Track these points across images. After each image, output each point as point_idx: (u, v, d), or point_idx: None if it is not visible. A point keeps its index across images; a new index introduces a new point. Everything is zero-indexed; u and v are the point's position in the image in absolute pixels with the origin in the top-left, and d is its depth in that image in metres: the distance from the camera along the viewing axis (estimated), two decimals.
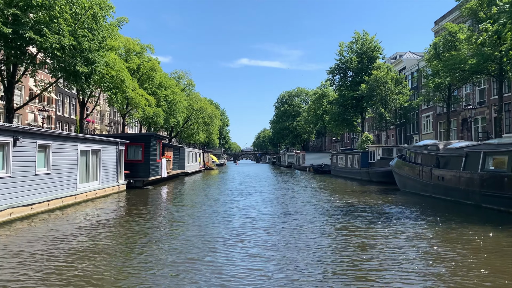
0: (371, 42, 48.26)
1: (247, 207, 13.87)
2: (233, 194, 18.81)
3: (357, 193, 21.08)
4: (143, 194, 19.53)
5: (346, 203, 16.16)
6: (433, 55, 29.86)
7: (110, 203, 15.53)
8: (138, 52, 43.81)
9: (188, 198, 17.77)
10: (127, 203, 16.00)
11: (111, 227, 10.53)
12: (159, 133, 63.70)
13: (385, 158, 29.76)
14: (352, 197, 18.46)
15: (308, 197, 18.16)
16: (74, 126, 51.34)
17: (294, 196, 18.89)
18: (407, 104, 41.16)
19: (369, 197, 18.91)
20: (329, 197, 18.61)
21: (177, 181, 29.27)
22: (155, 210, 13.43)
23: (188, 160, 39.34)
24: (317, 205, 15.32)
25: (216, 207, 13.90)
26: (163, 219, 11.81)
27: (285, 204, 15.34)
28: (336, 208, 14.28)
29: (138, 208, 14.33)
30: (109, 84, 25.76)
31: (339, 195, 19.46)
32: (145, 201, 16.39)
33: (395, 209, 14.47)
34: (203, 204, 14.90)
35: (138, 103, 38.67)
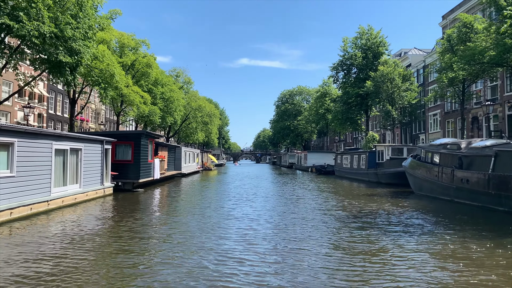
0: (376, 37, 46.29)
1: (246, 218, 11.74)
2: (232, 200, 16.75)
3: (368, 197, 19.09)
4: (131, 198, 17.54)
5: (360, 210, 14.16)
6: (446, 48, 27.92)
7: (90, 210, 13.54)
8: (133, 47, 41.84)
9: (179, 204, 15.70)
10: (109, 210, 14.01)
11: (81, 242, 8.55)
12: (155, 132, 61.60)
13: (394, 158, 27.77)
14: (364, 202, 16.47)
15: (315, 204, 16.15)
16: (67, 125, 49.32)
17: (299, 202, 16.89)
18: (415, 101, 39.17)
19: (382, 201, 16.92)
20: (338, 202, 16.61)
21: (172, 183, 27.28)
22: (134, 223, 11.41)
23: (185, 160, 37.35)
24: (327, 214, 13.33)
25: (210, 218, 11.74)
26: (141, 235, 9.83)
27: (289, 214, 13.25)
28: (350, 219, 12.28)
29: (117, 217, 12.35)
30: (98, 78, 23.76)
31: (349, 200, 17.47)
32: (129, 209, 14.39)
33: (416, 217, 12.48)
34: (195, 214, 12.85)
35: (132, 100, 36.78)
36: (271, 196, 18.08)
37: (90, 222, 11.21)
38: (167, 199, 17.98)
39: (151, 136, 22.22)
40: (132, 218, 11.88)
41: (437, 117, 46.11)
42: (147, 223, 10.98)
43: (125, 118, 46.14)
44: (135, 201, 16.79)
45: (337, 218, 12.08)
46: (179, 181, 29.55)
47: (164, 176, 26.87)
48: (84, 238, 8.89)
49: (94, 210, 13.61)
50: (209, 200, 16.68)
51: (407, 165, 21.48)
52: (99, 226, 10.68)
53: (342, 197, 18.84)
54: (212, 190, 21.71)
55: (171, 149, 31.68)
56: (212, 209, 13.69)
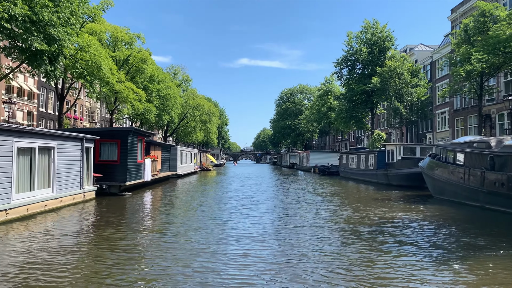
0: (382, 31, 44.15)
1: (247, 236, 9.17)
2: (229, 207, 14.42)
3: (383, 202, 16.95)
4: (114, 204, 15.41)
5: (377, 220, 12.01)
6: (463, 39, 25.80)
7: (60, 220, 11.41)
8: (127, 42, 39.75)
9: (167, 214, 13.37)
10: (82, 220, 11.85)
11: (36, 268, 6.41)
12: (150, 131, 59.52)
13: (406, 158, 25.64)
14: (379, 209, 14.33)
15: (327, 213, 14.00)
16: (63, 126, 47.31)
17: (307, 210, 14.73)
18: (424, 98, 37.02)
19: (401, 208, 14.78)
20: (355, 211, 14.44)
21: (165, 186, 25.13)
22: (107, 238, 9.27)
23: (181, 160, 35.20)
24: (341, 226, 11.19)
25: (201, 236, 9.25)
26: (113, 256, 7.69)
27: (300, 228, 10.84)
28: (369, 235, 10.14)
29: (88, 231, 10.22)
30: (83, 71, 21.61)
31: (364, 206, 15.33)
32: (107, 218, 12.24)
33: (444, 229, 10.35)
34: (185, 228, 10.62)
35: (126, 97, 34.72)
36: (275, 203, 15.84)
37: (53, 237, 9.07)
38: (154, 205, 15.80)
39: (141, 134, 20.07)
40: (106, 231, 9.74)
41: (445, 115, 43.99)
42: (123, 239, 8.83)
43: (119, 116, 44.03)
44: (119, 207, 14.65)
45: (357, 234, 9.92)
46: (174, 183, 27.39)
47: (157, 177, 24.74)
48: (35, 264, 6.75)
49: (65, 220, 11.47)
50: (204, 208, 14.41)
51: (424, 165, 19.34)
52: (63, 242, 8.55)
53: (356, 203, 16.70)
54: (208, 195, 19.44)
55: (165, 149, 29.53)
56: (206, 221, 11.34)
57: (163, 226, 10.59)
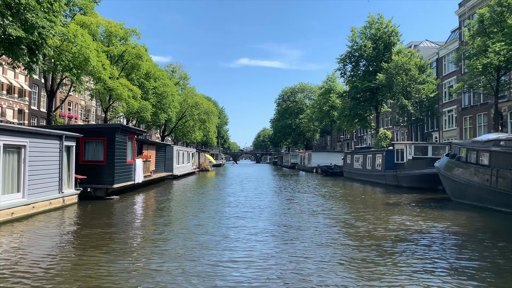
0: (388, 26, 42.42)
1: (246, 261, 7.08)
2: (227, 216, 12.33)
3: (396, 207, 15.23)
4: (98, 210, 13.69)
5: (399, 232, 10.29)
6: (478, 31, 24.10)
7: (27, 232, 9.69)
8: (122, 37, 37.98)
9: (154, 224, 11.42)
10: (53, 231, 10.10)
11: None
12: (145, 130, 57.25)
13: (418, 158, 23.92)
14: (395, 216, 12.60)
15: (338, 222, 12.28)
16: (53, 123, 45.56)
17: (317, 218, 13.00)
18: (433, 94, 35.29)
19: (418, 214, 13.05)
20: (367, 219, 12.73)
21: (159, 188, 23.40)
22: (80, 257, 7.56)
23: (178, 160, 33.47)
24: (360, 242, 9.46)
25: (193, 258, 7.36)
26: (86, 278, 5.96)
27: (307, 249, 8.69)
28: (393, 253, 8.42)
29: (59, 244, 8.50)
30: (69, 63, 19.88)
31: (377, 213, 13.62)
32: (84, 227, 10.52)
33: (481, 243, 8.63)
34: (173, 245, 8.73)
35: (120, 94, 33.06)
36: (279, 212, 13.94)
37: (9, 257, 7.34)
38: (142, 212, 14.04)
39: (131, 132, 18.34)
40: (81, 246, 8.03)
41: (452, 113, 42.34)
42: (93, 263, 7.11)
43: (113, 115, 42.29)
44: (102, 213, 12.92)
45: (379, 252, 8.20)
46: (169, 185, 25.66)
47: (150, 179, 23.01)
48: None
49: (33, 232, 9.74)
50: (199, 215, 12.59)
51: (441, 166, 17.61)
52: (24, 260, 6.83)
53: (369, 209, 14.96)
54: (205, 200, 17.51)
55: (160, 148, 27.78)
56: (200, 236, 9.30)
57: (146, 244, 8.85)
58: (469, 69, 24.62)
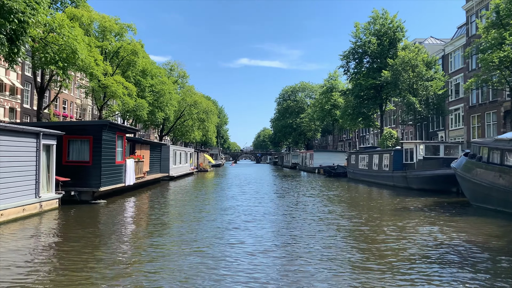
0: (393, 21, 40.94)
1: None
2: (226, 227, 10.35)
3: (414, 213, 13.73)
4: (79, 217, 12.19)
5: (426, 246, 8.80)
6: (493, 23, 22.64)
7: None
8: (117, 33, 36.40)
9: (143, 238, 9.58)
10: (22, 244, 8.59)
11: None
12: (143, 129, 55.59)
13: (429, 158, 22.43)
14: (415, 224, 11.11)
15: (352, 232, 10.76)
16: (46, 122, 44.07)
17: (328, 227, 11.50)
18: (441, 91, 33.79)
19: (440, 222, 11.56)
20: (385, 227, 11.22)
21: (153, 191, 21.89)
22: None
23: (174, 160, 31.95)
24: (381, 257, 7.96)
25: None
26: None
27: (315, 262, 7.33)
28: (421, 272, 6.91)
29: (23, 263, 7.00)
30: (54, 55, 18.36)
31: (394, 219, 12.13)
32: (59, 239, 9.02)
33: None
34: (161, 264, 7.33)
35: (114, 91, 31.58)
36: (284, 219, 12.25)
37: None
38: (129, 220, 12.51)
39: (120, 130, 16.84)
40: (51, 264, 6.53)
41: (459, 112, 40.85)
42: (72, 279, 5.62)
43: (109, 113, 40.79)
44: (83, 221, 11.43)
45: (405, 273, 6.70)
46: (164, 187, 24.14)
47: (143, 181, 21.50)
48: None
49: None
50: (193, 226, 10.81)
51: (459, 167, 16.10)
52: None
53: (384, 215, 13.46)
54: (202, 205, 15.87)
55: (154, 148, 26.25)
56: (192, 254, 7.70)
57: (129, 263, 7.35)
58: (483, 64, 23.14)
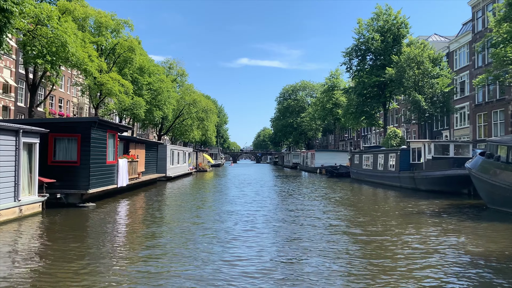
0: (397, 17, 39.87)
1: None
2: (223, 238, 8.92)
3: (431, 218, 12.63)
4: (64, 222, 11.11)
5: (455, 263, 7.70)
6: (506, 15, 21.54)
7: None
8: (113, 29, 35.29)
9: (130, 249, 8.29)
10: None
11: None
12: (141, 128, 54.33)
13: (438, 158, 21.33)
14: (438, 233, 10.01)
15: (367, 242, 9.67)
16: None
17: (337, 239, 10.40)
18: (448, 89, 32.70)
19: (461, 229, 10.46)
20: (403, 235, 10.13)
21: (147, 192, 20.79)
22: None
23: (171, 160, 30.85)
24: (405, 274, 6.86)
25: None
26: None
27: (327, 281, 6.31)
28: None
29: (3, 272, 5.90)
30: (41, 49, 17.29)
31: (412, 225, 11.03)
32: (37, 248, 7.93)
33: None
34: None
35: (110, 89, 30.50)
36: (289, 227, 10.93)
37: None
38: (116, 226, 11.37)
39: (112, 127, 15.74)
40: (26, 279, 5.44)
41: (464, 110, 39.79)
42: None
43: (105, 112, 39.67)
44: (66, 227, 10.35)
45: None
46: (160, 188, 23.03)
47: (138, 181, 20.39)
48: None
49: None
50: (186, 236, 9.43)
51: (475, 167, 15.01)
52: None
53: (402, 221, 12.37)
54: (198, 210, 14.50)
55: (150, 147, 25.14)
56: (182, 276, 6.57)
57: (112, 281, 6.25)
58: (495, 58, 22.05)
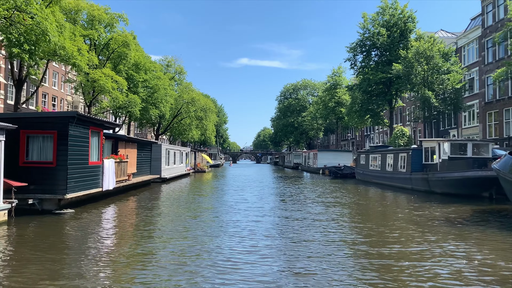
0: (403, 11, 38.15)
1: None
2: (220, 261, 7.28)
3: (463, 228, 10.90)
4: (30, 234, 9.37)
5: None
6: None
7: None
8: (107, 23, 33.62)
9: (111, 269, 6.79)
10: None
11: None
12: (138, 127, 52.58)
13: (455, 158, 19.60)
14: (490, 250, 8.32)
15: (396, 264, 7.94)
16: None
17: (356, 254, 8.68)
18: (460, 85, 30.98)
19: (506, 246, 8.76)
20: (448, 255, 8.41)
21: (138, 196, 19.03)
22: None
23: (167, 161, 29.09)
24: None
25: None
26: None
27: None
28: None
29: None
30: (18, 37, 15.57)
31: (447, 240, 9.32)
32: None
33: None
34: None
35: (103, 85, 28.86)
36: (295, 242, 9.08)
37: None
38: (92, 239, 9.66)
39: (95, 124, 14.00)
40: None
41: (474, 109, 38.13)
42: None
43: (98, 110, 37.97)
44: (30, 242, 8.63)
45: None
46: (153, 191, 21.27)
47: (127, 184, 18.62)
48: None
49: None
50: (176, 257, 7.67)
51: (505, 169, 13.25)
52: None
53: (430, 233, 10.65)
54: (192, 221, 12.52)
55: (143, 146, 23.33)
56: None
57: None
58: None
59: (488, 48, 35.66)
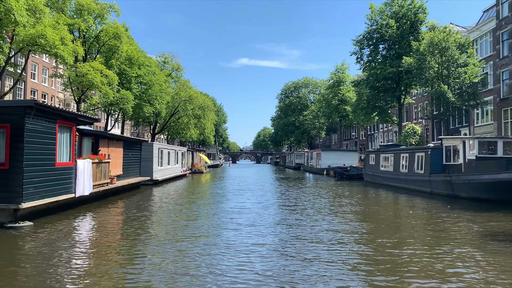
0: (413, 1, 35.77)
1: None
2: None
3: None
4: None
5: None
6: None
7: None
8: (97, 14, 31.25)
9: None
10: None
11: None
12: (135, 127, 50.17)
13: (484, 158, 17.22)
14: None
15: None
16: None
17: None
18: (477, 79, 28.60)
19: None
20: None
21: (121, 202, 16.58)
22: None
23: (159, 161, 26.65)
24: None
25: None
26: None
27: None
28: None
29: None
30: None
31: None
32: None
33: None
34: None
35: (91, 80, 26.58)
36: (306, 267, 7.09)
37: None
38: (51, 264, 7.29)
39: (63, 116, 11.58)
40: None
41: (488, 105, 35.82)
42: None
43: (88, 106, 35.51)
44: None
45: None
46: (140, 196, 18.79)
47: (110, 188, 16.19)
48: None
49: None
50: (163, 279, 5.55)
51: None
52: None
53: (483, 259, 8.27)
54: (181, 237, 10.08)
55: (131, 145, 20.79)
56: None
57: None
58: None
59: (504, 41, 33.40)
